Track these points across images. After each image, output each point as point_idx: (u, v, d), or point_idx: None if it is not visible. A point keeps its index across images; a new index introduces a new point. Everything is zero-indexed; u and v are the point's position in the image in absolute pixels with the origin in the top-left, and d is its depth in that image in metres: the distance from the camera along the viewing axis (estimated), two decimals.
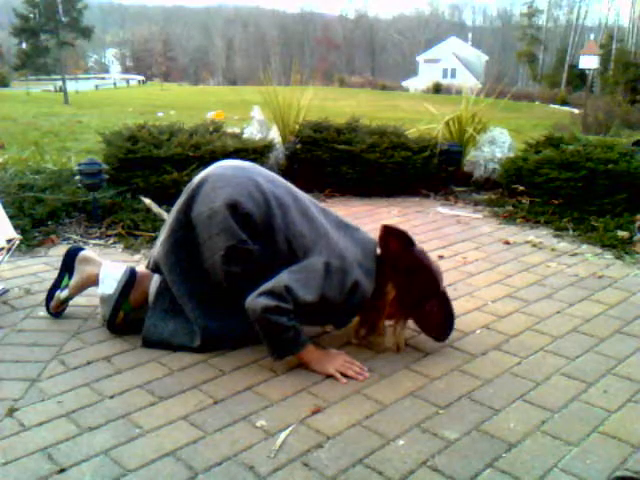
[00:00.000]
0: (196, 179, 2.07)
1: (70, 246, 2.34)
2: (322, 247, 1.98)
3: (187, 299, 2.04)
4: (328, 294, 1.93)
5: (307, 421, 1.68)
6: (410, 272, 2.05)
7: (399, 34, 76.82)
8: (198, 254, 2.02)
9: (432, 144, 4.71)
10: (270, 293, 1.87)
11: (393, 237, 2.08)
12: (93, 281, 2.24)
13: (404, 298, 2.06)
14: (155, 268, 2.12)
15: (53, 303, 2.27)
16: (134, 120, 5.32)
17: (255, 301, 1.87)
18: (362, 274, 2.01)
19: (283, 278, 1.90)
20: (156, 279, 2.14)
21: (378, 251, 2.12)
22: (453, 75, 51.68)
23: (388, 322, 2.12)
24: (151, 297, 2.13)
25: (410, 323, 2.31)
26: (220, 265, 1.97)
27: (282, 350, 1.93)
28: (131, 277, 2.17)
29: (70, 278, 2.26)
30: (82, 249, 2.31)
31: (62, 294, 2.26)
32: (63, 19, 24.56)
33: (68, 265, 2.27)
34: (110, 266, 2.26)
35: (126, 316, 2.16)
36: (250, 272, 1.98)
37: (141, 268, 2.25)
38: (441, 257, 3.10)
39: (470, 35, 64.64)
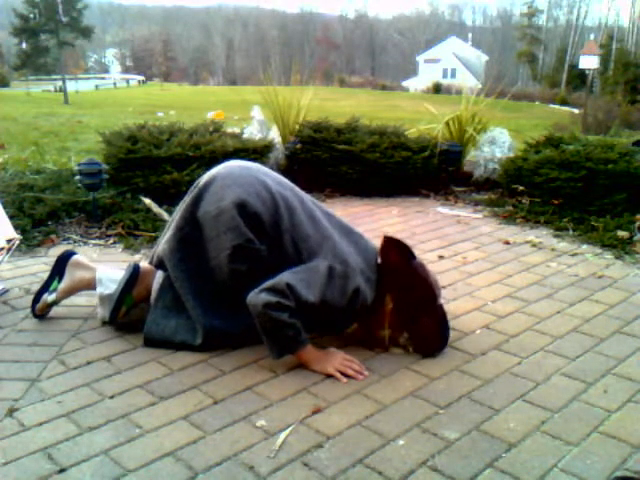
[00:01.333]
0: (204, 178, 2.08)
1: (63, 250, 2.33)
2: (326, 251, 1.98)
3: (190, 297, 2.04)
4: (330, 298, 1.94)
5: (307, 421, 1.68)
6: (407, 286, 2.05)
7: (399, 34, 76.83)
8: (203, 252, 2.02)
9: (432, 144, 4.71)
10: (272, 289, 1.88)
11: (394, 249, 2.08)
12: (84, 285, 2.24)
13: (400, 311, 2.06)
14: (158, 264, 2.13)
15: (39, 305, 2.24)
16: (134, 120, 5.32)
17: (257, 297, 1.88)
18: (363, 281, 2.01)
19: (285, 276, 1.90)
20: (159, 276, 2.14)
21: (379, 260, 2.12)
22: (453, 75, 51.69)
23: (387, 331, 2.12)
24: (154, 294, 2.14)
25: None
26: (226, 264, 1.98)
27: (282, 348, 1.93)
28: (135, 272, 2.17)
29: (60, 282, 2.24)
30: (75, 253, 2.29)
31: (50, 297, 2.23)
32: (63, 19, 24.58)
33: (59, 269, 2.25)
34: (107, 269, 2.26)
35: (128, 311, 2.17)
36: (255, 272, 1.98)
37: (144, 264, 2.25)
38: (441, 257, 3.10)
39: (470, 35, 64.64)
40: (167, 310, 2.08)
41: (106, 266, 2.32)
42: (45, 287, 2.25)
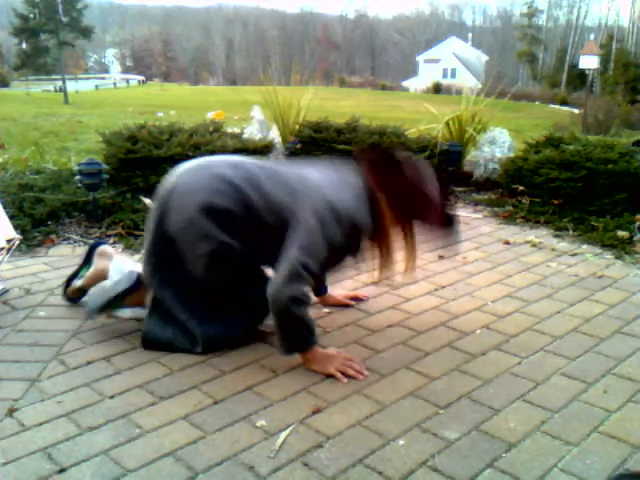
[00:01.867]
0: (162, 192, 2.05)
1: (94, 240, 2.41)
2: (304, 201, 1.93)
3: (180, 311, 2.04)
4: (331, 239, 1.90)
5: (307, 421, 1.68)
6: (405, 198, 2.01)
7: (399, 34, 76.83)
8: (183, 265, 2.01)
9: (432, 144, 4.72)
10: (292, 279, 1.85)
11: (376, 171, 2.02)
12: (105, 274, 2.28)
13: (403, 217, 2.04)
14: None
15: (69, 289, 2.38)
16: (134, 120, 5.32)
17: (280, 291, 1.85)
18: (353, 211, 1.95)
19: (293, 257, 1.87)
20: None
21: (366, 183, 2.03)
22: (453, 75, 51.68)
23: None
24: (148, 302, 2.14)
25: (413, 324, 2.32)
26: (206, 272, 1.98)
27: (294, 345, 1.93)
28: (134, 286, 2.15)
29: (88, 269, 2.36)
30: (103, 243, 2.43)
31: (77, 283, 2.36)
32: (63, 19, 24.59)
33: (89, 257, 2.39)
34: (120, 263, 2.29)
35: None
36: (239, 271, 1.99)
37: None
38: (441, 257, 3.10)
39: (470, 35, 64.64)
40: (163, 321, 2.07)
41: (122, 258, 2.36)
42: (75, 274, 2.40)
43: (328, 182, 2.02)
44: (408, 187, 2.01)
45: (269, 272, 2.05)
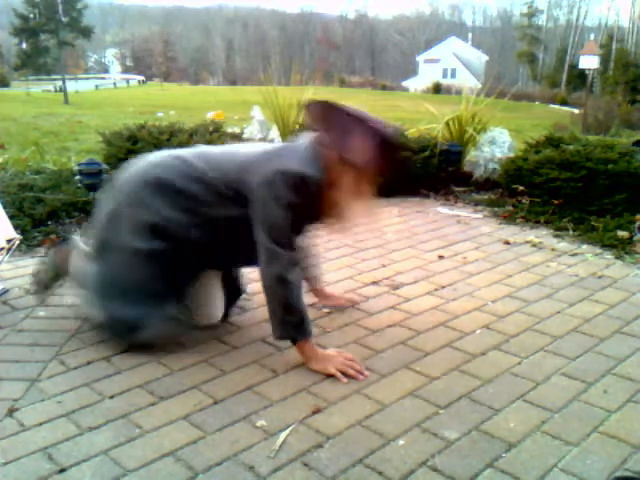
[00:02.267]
0: (120, 178, 2.11)
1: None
2: (254, 171, 1.94)
3: (124, 290, 2.05)
4: (285, 202, 1.88)
5: (307, 421, 1.68)
6: (348, 137, 1.93)
7: (399, 34, 76.83)
8: (127, 239, 2.03)
9: (432, 144, 4.71)
10: (269, 260, 1.89)
11: (318, 120, 1.98)
12: None
13: (351, 160, 1.92)
14: None
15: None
16: (134, 120, 5.32)
17: (264, 274, 1.91)
18: (298, 168, 1.91)
19: (261, 238, 1.90)
20: None
21: (313, 138, 1.99)
22: (453, 75, 51.67)
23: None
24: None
25: (413, 324, 2.32)
26: (151, 248, 1.99)
27: (285, 331, 1.94)
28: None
29: None
30: None
31: None
32: (63, 19, 24.63)
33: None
34: None
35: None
36: (201, 249, 2.03)
37: None
38: (441, 257, 3.10)
39: (470, 35, 64.68)
40: (112, 304, 2.07)
41: None
42: None
43: (279, 150, 2.06)
44: (349, 125, 1.95)
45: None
